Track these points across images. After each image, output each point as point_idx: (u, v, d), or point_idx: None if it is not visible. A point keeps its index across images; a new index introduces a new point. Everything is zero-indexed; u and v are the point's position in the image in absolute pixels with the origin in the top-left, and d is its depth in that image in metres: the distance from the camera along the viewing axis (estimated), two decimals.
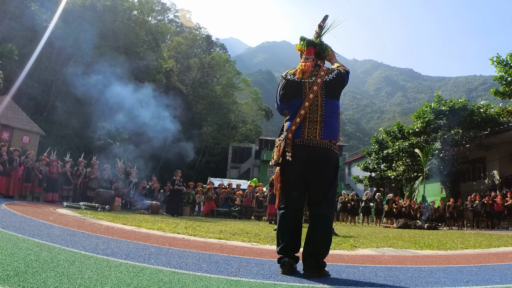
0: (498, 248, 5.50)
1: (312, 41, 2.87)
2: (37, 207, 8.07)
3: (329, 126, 2.63)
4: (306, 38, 2.89)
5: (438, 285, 2.45)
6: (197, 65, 36.53)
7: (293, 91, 2.70)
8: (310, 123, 2.61)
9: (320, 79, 2.67)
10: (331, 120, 2.64)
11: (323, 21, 2.93)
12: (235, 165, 40.04)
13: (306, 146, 2.58)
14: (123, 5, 27.09)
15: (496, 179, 19.62)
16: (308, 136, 2.59)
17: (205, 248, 3.67)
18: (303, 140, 2.59)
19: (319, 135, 2.59)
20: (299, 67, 2.75)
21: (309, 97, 2.63)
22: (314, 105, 2.63)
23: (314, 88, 2.64)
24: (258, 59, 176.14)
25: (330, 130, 2.63)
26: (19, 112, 17.58)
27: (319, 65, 2.80)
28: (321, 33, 2.91)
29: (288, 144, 2.59)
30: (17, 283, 1.69)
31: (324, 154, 2.59)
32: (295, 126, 2.62)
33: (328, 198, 2.61)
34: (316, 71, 2.73)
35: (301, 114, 2.62)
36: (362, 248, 4.76)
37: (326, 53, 2.89)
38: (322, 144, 2.59)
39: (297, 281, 2.32)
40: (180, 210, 12.24)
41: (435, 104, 21.48)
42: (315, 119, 2.61)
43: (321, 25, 2.92)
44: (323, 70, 2.73)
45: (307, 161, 2.57)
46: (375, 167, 27.17)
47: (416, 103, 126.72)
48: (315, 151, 2.57)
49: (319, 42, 2.88)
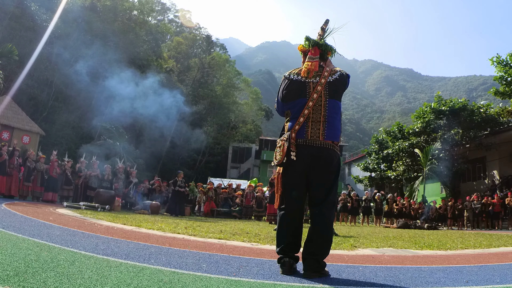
0: (498, 248, 5.50)
1: (317, 41, 2.89)
2: (37, 207, 8.07)
3: (332, 126, 2.63)
4: (311, 38, 2.91)
5: (438, 285, 2.45)
6: (197, 65, 36.53)
7: (297, 90, 2.71)
8: (313, 123, 2.62)
9: (324, 79, 2.68)
10: (334, 120, 2.65)
11: (325, 24, 2.96)
12: (235, 165, 40.04)
13: (309, 146, 2.59)
14: (123, 5, 27.09)
15: (496, 179, 19.62)
16: (311, 136, 2.60)
17: (205, 248, 3.67)
18: (307, 140, 2.59)
19: (322, 135, 2.60)
20: (305, 66, 2.76)
21: (313, 97, 2.64)
22: (318, 105, 2.64)
23: (318, 88, 2.66)
24: (258, 59, 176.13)
25: (333, 130, 2.64)
26: (19, 112, 17.58)
27: (322, 66, 2.82)
28: (324, 35, 2.94)
29: (292, 143, 2.59)
30: (17, 283, 1.69)
31: (327, 155, 2.59)
32: (299, 126, 2.62)
33: (330, 198, 2.61)
34: (319, 71, 2.75)
35: (305, 114, 2.63)
36: (362, 248, 4.76)
37: (329, 55, 2.91)
38: (325, 145, 2.59)
39: (297, 281, 2.32)
40: (181, 210, 12.28)
41: (435, 104, 21.47)
42: (318, 119, 2.62)
43: (323, 27, 2.95)
44: (327, 71, 2.75)
45: (310, 161, 2.57)
46: (375, 167, 27.17)
47: (416, 103, 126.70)
48: (318, 151, 2.58)
49: (323, 43, 2.90)
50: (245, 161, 40.82)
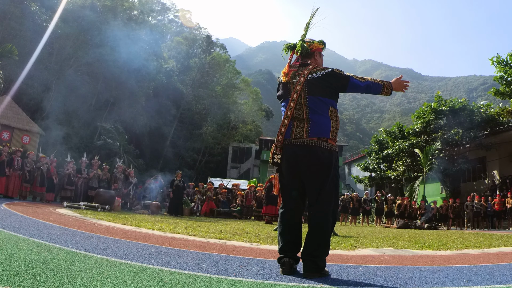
0: (498, 248, 5.50)
1: (290, 45, 2.91)
2: (37, 207, 8.07)
3: (317, 123, 2.60)
4: (286, 44, 2.94)
5: (438, 285, 2.45)
6: (197, 65, 36.51)
7: (283, 92, 2.80)
8: (298, 122, 2.64)
9: (303, 78, 2.68)
10: (319, 117, 2.61)
11: (312, 17, 2.90)
12: (235, 165, 40.01)
13: (293, 145, 2.61)
14: (123, 5, 27.07)
15: (496, 179, 19.61)
16: (295, 135, 2.62)
17: (205, 248, 3.67)
18: (291, 140, 2.62)
19: (306, 133, 2.59)
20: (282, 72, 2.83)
21: (293, 97, 2.67)
22: (299, 103, 2.66)
23: (297, 88, 2.67)
24: (258, 59, 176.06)
25: (318, 127, 2.60)
26: (19, 112, 17.59)
27: (307, 63, 2.79)
28: (306, 31, 2.90)
29: (277, 146, 2.65)
30: (17, 283, 1.69)
31: (311, 151, 2.56)
32: (284, 128, 2.65)
33: (324, 197, 2.56)
34: (300, 71, 2.74)
35: (288, 114, 2.66)
36: (362, 248, 4.76)
37: (312, 49, 2.84)
38: (309, 142, 2.57)
39: (297, 281, 2.32)
40: (180, 210, 12.29)
41: (435, 104, 21.47)
42: (302, 118, 2.63)
43: (307, 23, 2.92)
44: (308, 69, 2.71)
45: (295, 160, 2.59)
46: (375, 167, 27.18)
47: (416, 103, 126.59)
48: (302, 150, 2.57)
49: (294, 44, 2.89)
50: (245, 161, 40.79)
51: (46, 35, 19.47)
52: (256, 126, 42.68)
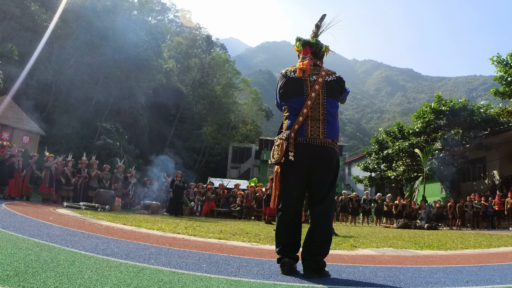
0: (498, 248, 5.50)
1: (307, 40, 2.87)
2: (37, 207, 8.06)
3: (331, 125, 2.63)
4: (301, 38, 2.89)
5: (438, 285, 2.45)
6: (197, 65, 36.53)
7: (294, 88, 2.69)
8: (313, 121, 2.61)
9: (321, 78, 2.68)
10: (332, 119, 2.65)
11: (320, 20, 2.93)
12: (235, 165, 40.01)
13: (309, 145, 2.57)
14: (123, 5, 27.09)
15: (496, 179, 19.61)
16: (311, 135, 2.58)
17: (205, 248, 3.66)
18: (307, 139, 2.58)
19: (322, 133, 2.59)
20: (297, 67, 2.74)
21: (311, 96, 2.63)
22: (316, 103, 2.63)
23: (316, 87, 2.65)
24: (258, 59, 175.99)
25: (332, 129, 2.64)
26: (19, 112, 17.60)
27: (318, 65, 2.80)
28: (318, 32, 2.91)
29: (291, 143, 2.56)
30: (17, 283, 1.69)
31: (327, 153, 2.58)
32: (298, 125, 2.60)
33: (329, 198, 2.60)
34: (316, 70, 2.73)
35: (304, 112, 2.61)
36: (362, 248, 4.76)
37: (322, 52, 2.88)
38: (325, 143, 2.59)
39: (297, 281, 2.32)
40: (180, 210, 12.27)
41: (435, 104, 21.47)
42: (317, 118, 2.61)
43: (318, 24, 2.92)
44: (324, 70, 2.75)
45: (310, 159, 2.56)
46: (375, 167, 27.17)
47: (416, 103, 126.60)
48: (319, 150, 2.57)
49: (315, 41, 2.87)
50: (245, 161, 40.78)
51: (46, 35, 19.47)
52: (256, 126, 42.69)
